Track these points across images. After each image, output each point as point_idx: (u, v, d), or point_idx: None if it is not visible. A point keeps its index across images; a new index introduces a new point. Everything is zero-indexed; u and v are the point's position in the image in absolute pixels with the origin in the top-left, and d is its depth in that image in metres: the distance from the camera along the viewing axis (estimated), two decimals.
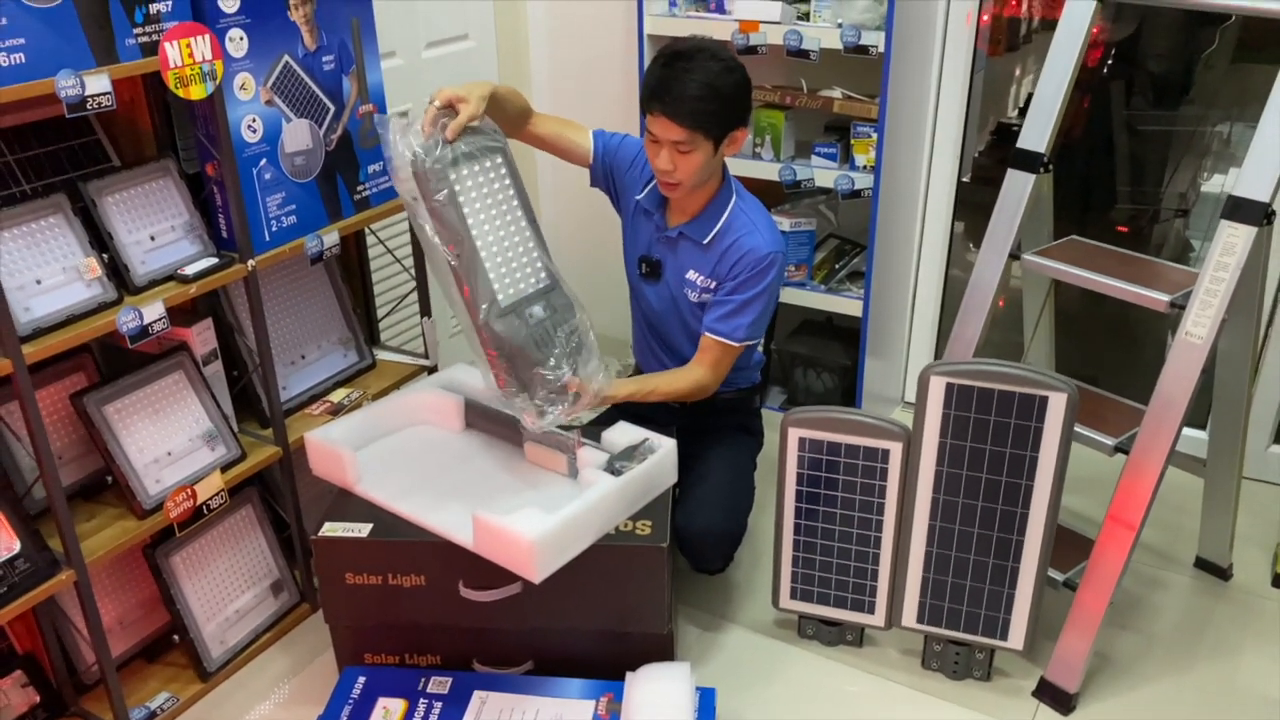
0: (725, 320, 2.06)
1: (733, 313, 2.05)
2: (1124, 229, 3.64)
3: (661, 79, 1.92)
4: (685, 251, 2.11)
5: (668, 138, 1.93)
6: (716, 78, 1.91)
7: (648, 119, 1.96)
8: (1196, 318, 1.78)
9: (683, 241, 2.11)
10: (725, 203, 2.08)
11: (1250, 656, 2.08)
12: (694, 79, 1.89)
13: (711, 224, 2.07)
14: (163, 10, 1.70)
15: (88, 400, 1.82)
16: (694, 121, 1.91)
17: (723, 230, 2.06)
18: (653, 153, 1.99)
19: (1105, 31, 3.66)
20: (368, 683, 1.91)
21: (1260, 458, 2.61)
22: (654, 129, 1.95)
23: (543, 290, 1.80)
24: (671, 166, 1.96)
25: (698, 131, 1.92)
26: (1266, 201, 1.72)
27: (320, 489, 2.27)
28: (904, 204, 2.76)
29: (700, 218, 2.08)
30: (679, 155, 1.95)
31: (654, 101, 1.93)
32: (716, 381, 2.11)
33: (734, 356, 2.10)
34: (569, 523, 1.73)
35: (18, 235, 1.68)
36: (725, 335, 2.06)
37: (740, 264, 2.04)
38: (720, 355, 2.08)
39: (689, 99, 1.89)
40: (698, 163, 1.96)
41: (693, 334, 2.14)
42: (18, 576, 1.67)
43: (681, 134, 1.92)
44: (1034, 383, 1.78)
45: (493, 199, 1.77)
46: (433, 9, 2.75)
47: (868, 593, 2.04)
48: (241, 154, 1.88)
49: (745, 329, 2.06)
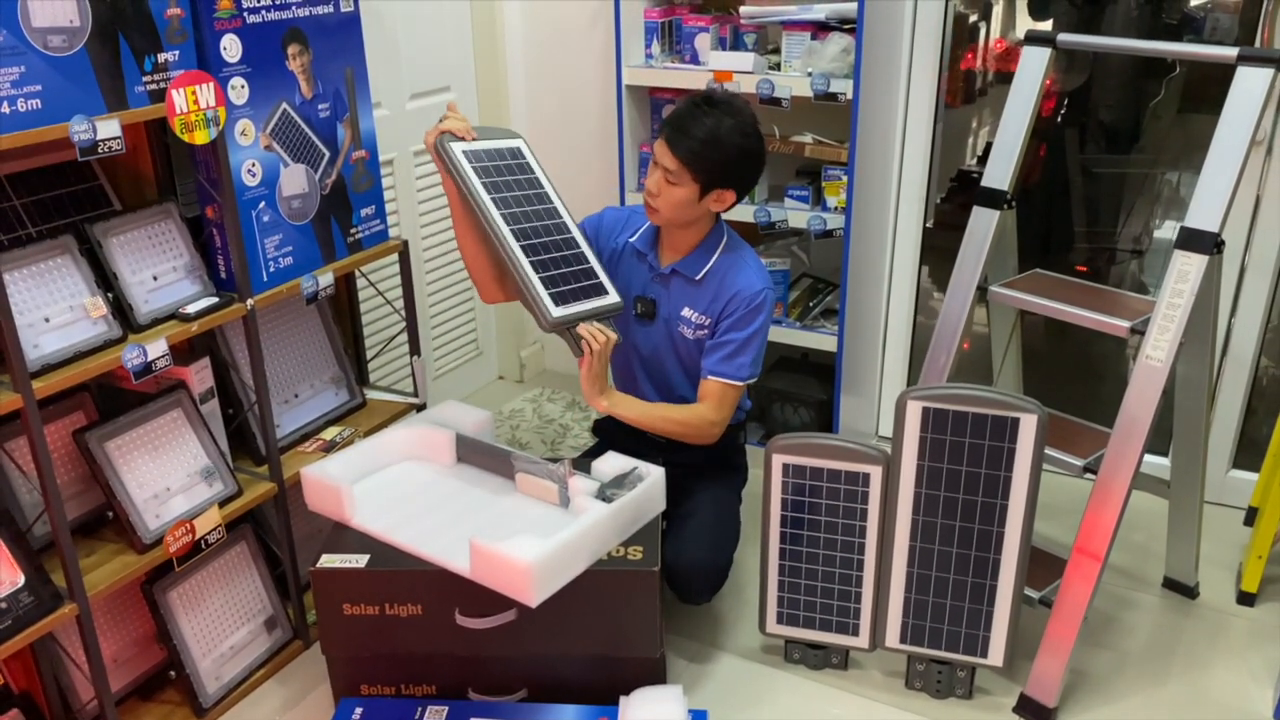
0: (727, 361, 2.13)
1: (733, 354, 2.13)
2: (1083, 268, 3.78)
3: (681, 112, 2.05)
4: (678, 289, 2.20)
5: (661, 162, 2.05)
6: (726, 133, 2.02)
7: (656, 141, 2.08)
8: (1155, 341, 1.89)
9: (675, 279, 2.20)
10: (716, 244, 2.18)
11: (1219, 670, 2.16)
12: (706, 123, 2.01)
13: (703, 262, 2.16)
14: (170, 60, 1.77)
15: (90, 437, 1.86)
16: (686, 158, 2.02)
17: (714, 268, 2.16)
18: (650, 172, 2.10)
19: (1058, 82, 3.84)
20: (364, 714, 1.93)
21: (1220, 482, 2.71)
22: (655, 152, 2.07)
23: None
24: (656, 191, 2.07)
25: (686, 169, 2.02)
26: (1216, 231, 1.83)
27: (312, 527, 2.32)
28: (874, 243, 2.87)
29: (692, 256, 2.17)
30: (665, 183, 2.06)
31: (666, 127, 2.06)
32: (723, 423, 2.17)
33: (737, 396, 2.17)
34: (564, 547, 1.78)
35: (27, 275, 1.73)
36: (729, 376, 2.13)
37: (734, 302, 2.13)
38: (724, 396, 2.15)
39: (691, 137, 2.01)
40: (679, 198, 2.06)
41: (689, 372, 2.22)
42: (21, 610, 1.70)
43: (672, 164, 2.03)
44: (1006, 405, 1.87)
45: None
46: (416, 62, 2.85)
47: (852, 615, 2.10)
48: (242, 197, 1.95)
49: (748, 368, 2.14)
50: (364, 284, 2.56)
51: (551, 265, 2.02)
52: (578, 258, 2.08)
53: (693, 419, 2.15)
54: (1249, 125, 1.80)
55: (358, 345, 2.54)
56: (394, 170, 2.82)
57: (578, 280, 2.04)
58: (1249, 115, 1.80)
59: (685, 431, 2.16)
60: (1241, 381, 2.63)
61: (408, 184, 2.89)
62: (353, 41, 2.17)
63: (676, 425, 2.15)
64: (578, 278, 2.04)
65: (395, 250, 2.37)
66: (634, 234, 2.25)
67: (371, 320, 2.69)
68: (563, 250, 2.06)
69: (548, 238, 2.05)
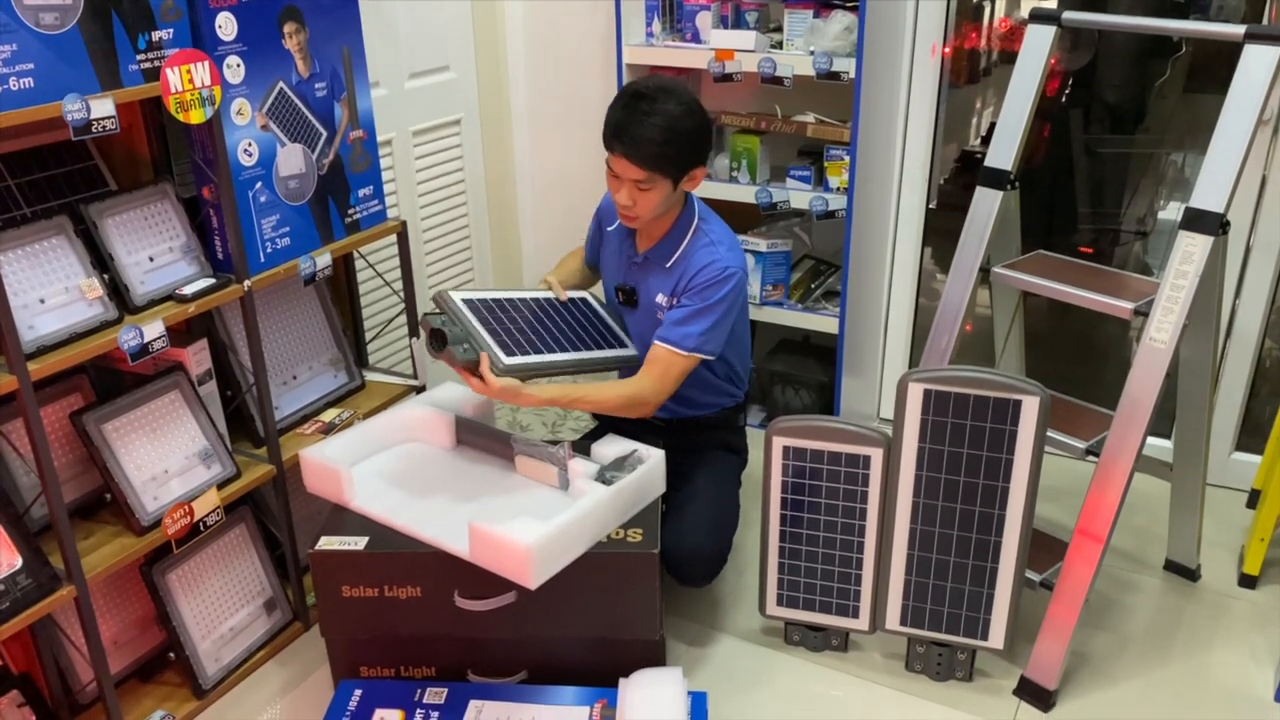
0: (674, 327, 2.08)
1: (682, 321, 2.08)
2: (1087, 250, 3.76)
3: (622, 120, 1.98)
4: (654, 275, 2.18)
5: (628, 176, 2.00)
6: (677, 121, 1.97)
7: (609, 156, 2.02)
8: (1159, 323, 1.87)
9: (649, 266, 2.18)
10: (687, 226, 2.14)
11: (1220, 652, 2.16)
12: (654, 122, 1.95)
13: (674, 247, 2.14)
14: (164, 38, 1.75)
15: (87, 419, 1.85)
16: (653, 164, 1.98)
17: (685, 252, 2.13)
18: (614, 187, 2.05)
19: (1062, 61, 3.81)
20: (364, 695, 1.93)
21: (1223, 464, 2.70)
22: (615, 167, 2.02)
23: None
24: (631, 203, 2.04)
25: (657, 173, 1.99)
26: (1221, 212, 1.81)
27: (311, 509, 2.31)
28: (876, 224, 2.85)
29: (664, 242, 2.15)
30: (639, 192, 2.02)
31: (615, 142, 1.99)
32: (658, 395, 2.08)
33: (681, 369, 2.09)
34: (563, 530, 1.78)
35: (22, 256, 1.72)
36: (673, 343, 2.07)
37: (698, 276, 2.08)
38: (667, 365, 2.07)
39: (648, 141, 1.96)
40: (656, 199, 2.04)
41: None
42: (20, 592, 1.69)
43: (641, 174, 1.99)
44: (1008, 387, 1.86)
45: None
46: (415, 41, 2.83)
47: (852, 597, 2.10)
48: (238, 177, 1.93)
49: (695, 338, 2.06)
50: (362, 265, 2.55)
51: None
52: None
53: (614, 395, 2.06)
54: (1256, 105, 1.78)
55: (356, 327, 2.53)
56: (392, 150, 2.80)
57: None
58: (1256, 94, 1.78)
59: (612, 408, 2.07)
60: (1245, 363, 2.61)
61: (406, 164, 2.87)
62: (350, 19, 2.14)
63: (599, 406, 2.06)
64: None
65: (394, 231, 2.35)
66: (613, 224, 2.26)
67: (370, 302, 2.68)
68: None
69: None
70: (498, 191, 3.25)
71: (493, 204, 3.25)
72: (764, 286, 2.80)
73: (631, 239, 2.20)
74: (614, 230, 2.24)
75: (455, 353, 1.92)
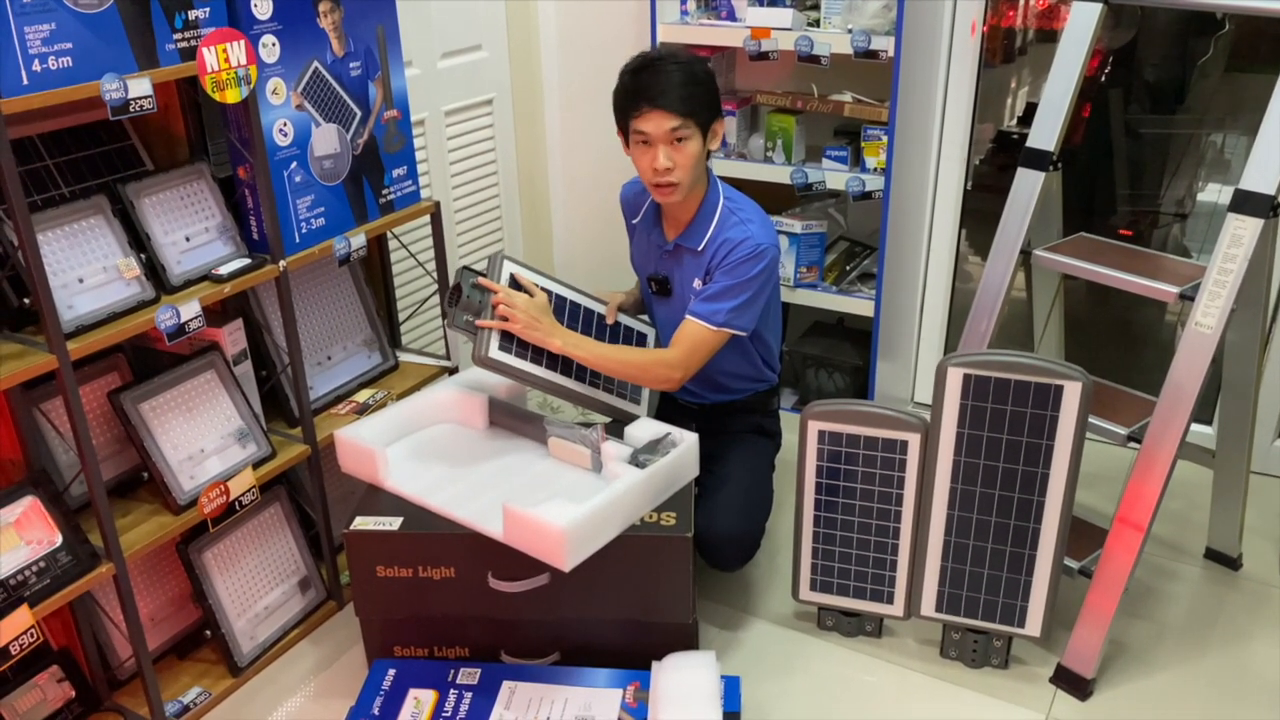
0: (704, 303, 2.07)
1: (714, 296, 2.06)
2: (1126, 232, 3.70)
3: (641, 82, 2.01)
4: (686, 263, 2.17)
5: (661, 130, 1.99)
6: (692, 67, 2.02)
7: (635, 122, 2.02)
8: (1205, 308, 1.83)
9: (680, 253, 2.17)
10: (714, 206, 2.12)
11: (1261, 643, 2.13)
12: (672, 69, 1.99)
13: (703, 230, 2.12)
14: (200, 17, 1.75)
15: (124, 398, 1.86)
16: (686, 106, 1.98)
17: (715, 232, 2.11)
18: (647, 157, 2.03)
19: (1103, 40, 3.73)
20: (398, 675, 1.94)
21: (1266, 452, 2.65)
22: (645, 128, 2.00)
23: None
24: (670, 163, 2.01)
25: (690, 118, 1.99)
26: (1272, 194, 1.77)
27: (345, 489, 2.32)
28: (913, 206, 2.81)
29: (692, 226, 2.13)
30: (675, 149, 2.00)
31: (641, 102, 1.99)
32: (685, 370, 2.08)
33: (710, 346, 2.08)
34: (597, 512, 1.77)
35: (61, 235, 1.72)
36: (703, 318, 2.05)
37: (731, 254, 2.07)
38: (696, 341, 2.06)
39: (676, 85, 1.98)
40: (692, 155, 2.02)
41: None
42: (60, 569, 1.71)
43: (676, 121, 1.98)
44: (1049, 372, 1.83)
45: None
46: (447, 20, 2.81)
47: (886, 583, 2.08)
48: (273, 157, 1.93)
49: (724, 313, 2.04)
50: (396, 245, 2.54)
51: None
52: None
53: (644, 360, 2.10)
54: None
55: (390, 307, 2.53)
56: (425, 130, 2.78)
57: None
58: None
59: (638, 376, 2.10)
60: None
61: (439, 144, 2.86)
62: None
63: (625, 369, 2.08)
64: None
65: (427, 211, 2.35)
66: (637, 216, 2.25)
67: (404, 282, 2.67)
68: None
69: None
70: (529, 171, 3.24)
71: (524, 184, 3.23)
72: (798, 268, 2.78)
73: (660, 228, 2.19)
74: (640, 222, 2.24)
75: (455, 315, 1.97)
